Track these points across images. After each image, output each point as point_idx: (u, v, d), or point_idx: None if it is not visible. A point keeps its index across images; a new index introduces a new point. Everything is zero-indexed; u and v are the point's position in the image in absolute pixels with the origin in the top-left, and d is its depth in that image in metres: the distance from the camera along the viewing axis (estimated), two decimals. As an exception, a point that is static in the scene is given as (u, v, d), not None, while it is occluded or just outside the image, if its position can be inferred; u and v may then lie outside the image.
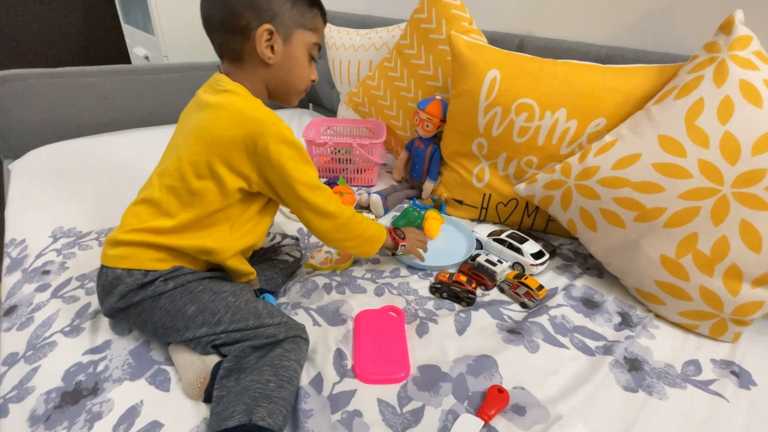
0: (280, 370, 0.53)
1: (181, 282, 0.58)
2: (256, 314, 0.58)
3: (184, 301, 0.57)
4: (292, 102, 0.66)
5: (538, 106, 0.81)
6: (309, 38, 0.61)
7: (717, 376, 0.61)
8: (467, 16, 1.00)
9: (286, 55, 0.60)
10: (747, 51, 0.63)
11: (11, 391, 0.53)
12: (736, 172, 0.61)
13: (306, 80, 0.64)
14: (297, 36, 0.60)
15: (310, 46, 0.62)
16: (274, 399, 0.49)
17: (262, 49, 0.57)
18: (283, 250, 0.80)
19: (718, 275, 0.64)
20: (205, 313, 0.56)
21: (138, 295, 0.56)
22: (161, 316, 0.56)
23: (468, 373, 0.59)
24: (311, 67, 0.65)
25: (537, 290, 0.74)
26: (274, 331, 0.57)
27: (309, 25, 0.61)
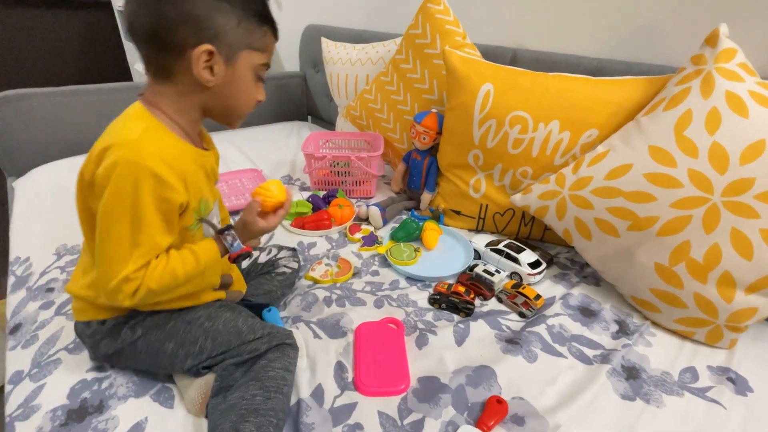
0: (266, 381, 0.52)
1: (149, 325, 0.56)
2: (236, 333, 0.57)
3: (160, 341, 0.55)
4: (233, 124, 0.59)
5: (532, 119, 0.83)
6: (256, 59, 0.54)
7: (713, 383, 0.62)
8: (461, 30, 1.02)
9: (228, 78, 0.52)
10: (732, 63, 0.65)
11: (17, 409, 0.54)
12: (726, 181, 0.62)
13: (251, 103, 0.57)
14: (242, 57, 0.52)
15: (257, 67, 0.54)
16: (261, 412, 0.49)
17: (199, 71, 0.49)
18: (281, 262, 0.80)
19: (712, 282, 0.65)
20: (186, 346, 0.55)
21: (112, 348, 0.56)
22: (145, 359, 0.57)
23: (467, 384, 0.59)
24: (258, 88, 0.57)
25: (535, 300, 0.75)
26: (256, 345, 0.56)
27: (257, 44, 0.53)
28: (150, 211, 0.47)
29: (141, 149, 0.46)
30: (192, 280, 0.53)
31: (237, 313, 0.60)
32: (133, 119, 0.51)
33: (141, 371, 0.60)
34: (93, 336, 0.56)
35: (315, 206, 1.05)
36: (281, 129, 1.64)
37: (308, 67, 1.70)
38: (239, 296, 0.68)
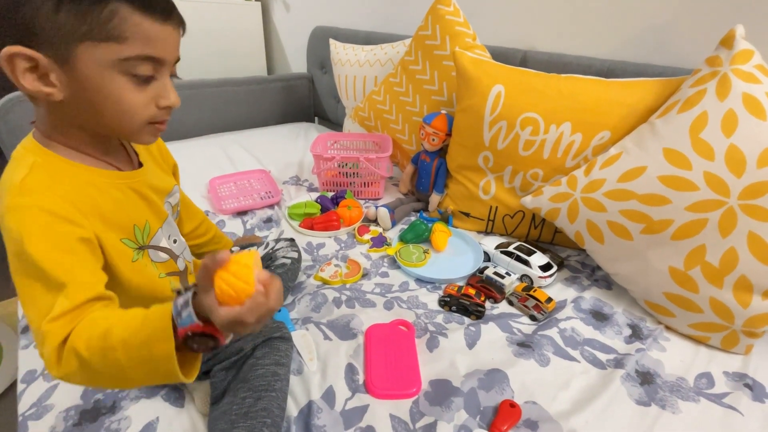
0: (254, 381, 0.51)
1: None
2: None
3: None
4: (138, 140, 0.47)
5: (543, 120, 0.82)
6: (110, 53, 0.39)
7: (730, 389, 0.61)
8: (471, 32, 1.02)
9: (75, 85, 0.40)
10: (749, 65, 0.64)
11: (30, 408, 0.54)
12: (743, 184, 0.62)
13: (138, 112, 0.43)
14: (82, 54, 0.39)
15: (119, 63, 0.40)
16: (251, 415, 0.48)
17: (25, 83, 0.39)
18: (279, 254, 0.78)
19: (728, 287, 0.64)
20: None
21: None
22: None
23: (479, 388, 0.59)
24: (150, 90, 0.43)
25: (546, 303, 0.74)
26: (240, 345, 0.54)
27: (101, 32, 0.38)
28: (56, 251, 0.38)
29: (24, 190, 0.39)
30: (131, 352, 0.35)
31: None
32: (20, 158, 0.43)
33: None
34: None
35: (323, 207, 1.05)
36: (288, 130, 1.65)
37: (315, 68, 1.70)
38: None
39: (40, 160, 0.42)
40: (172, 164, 0.65)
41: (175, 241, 0.58)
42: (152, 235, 0.52)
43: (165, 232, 0.55)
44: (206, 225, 0.76)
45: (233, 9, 1.80)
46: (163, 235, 0.54)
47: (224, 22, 1.78)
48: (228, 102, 1.59)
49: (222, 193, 1.12)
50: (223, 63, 1.82)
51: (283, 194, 1.15)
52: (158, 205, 0.54)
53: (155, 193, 0.54)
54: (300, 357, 0.63)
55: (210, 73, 1.72)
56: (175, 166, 0.67)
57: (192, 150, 1.36)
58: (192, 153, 1.32)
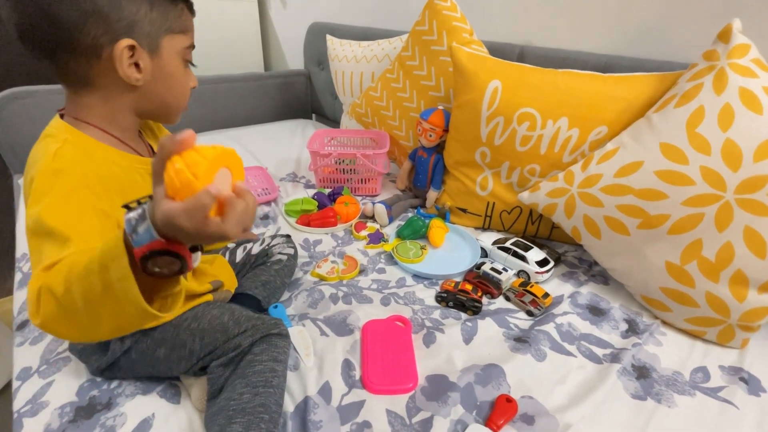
0: (252, 377, 0.51)
1: (136, 334, 0.55)
2: (222, 330, 0.54)
3: (151, 348, 0.55)
4: (174, 120, 0.55)
5: (540, 116, 0.82)
6: (180, 42, 0.50)
7: (726, 382, 0.61)
8: (468, 27, 1.01)
9: (157, 71, 0.48)
10: (746, 59, 0.64)
11: (25, 405, 0.54)
12: (739, 178, 0.62)
13: (186, 93, 0.54)
14: (165, 44, 0.48)
15: (183, 51, 0.51)
16: (248, 410, 0.48)
17: (124, 70, 0.45)
18: (275, 250, 0.78)
19: (724, 281, 0.64)
20: (176, 350, 0.54)
21: (104, 362, 0.55)
22: (142, 368, 0.56)
23: (476, 383, 0.59)
24: (188, 74, 0.54)
25: (543, 298, 0.74)
26: (238, 341, 0.54)
27: (177, 27, 0.49)
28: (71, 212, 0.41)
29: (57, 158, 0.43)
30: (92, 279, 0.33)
31: (224, 309, 0.58)
32: (52, 134, 0.46)
33: (148, 368, 0.59)
34: (83, 351, 0.56)
35: (320, 204, 1.04)
36: (285, 127, 1.64)
37: (313, 64, 1.70)
38: (228, 296, 0.66)
39: (71, 138, 0.47)
40: None
41: None
42: None
43: None
44: None
45: (230, 5, 1.79)
46: None
47: (221, 19, 1.77)
48: (225, 99, 1.58)
49: (219, 190, 1.12)
50: (219, 60, 1.81)
51: (280, 191, 1.14)
52: None
53: None
54: (297, 353, 0.63)
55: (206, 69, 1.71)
56: None
57: (188, 147, 1.35)
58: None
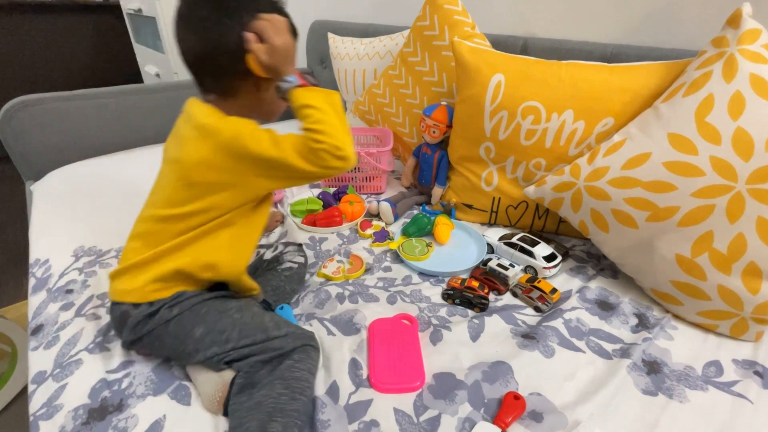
0: (292, 382, 0.53)
1: (186, 306, 0.58)
2: (262, 328, 0.58)
3: (191, 324, 0.57)
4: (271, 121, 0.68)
5: (545, 109, 0.81)
6: None
7: (739, 376, 0.60)
8: (470, 21, 1.00)
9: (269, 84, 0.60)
10: (756, 44, 0.62)
11: (41, 408, 0.55)
12: (750, 168, 0.60)
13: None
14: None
15: None
16: (287, 412, 0.50)
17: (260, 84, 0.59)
18: (286, 257, 0.80)
19: (737, 274, 0.63)
20: (213, 333, 0.57)
21: (147, 326, 0.57)
22: (172, 342, 0.58)
23: (483, 380, 0.59)
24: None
25: (551, 294, 0.73)
26: (281, 343, 0.57)
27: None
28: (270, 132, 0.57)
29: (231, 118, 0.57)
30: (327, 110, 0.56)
31: (263, 310, 0.63)
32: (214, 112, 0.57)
33: (159, 369, 0.61)
34: (137, 317, 0.57)
35: (325, 203, 1.04)
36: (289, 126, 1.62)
37: (315, 63, 1.69)
38: (261, 297, 0.70)
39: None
40: None
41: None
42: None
43: None
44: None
45: (231, 6, 1.79)
46: None
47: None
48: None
49: (225, 192, 1.13)
50: (223, 61, 1.82)
51: (285, 191, 1.15)
52: None
53: None
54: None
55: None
56: None
57: (194, 149, 1.36)
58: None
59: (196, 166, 0.56)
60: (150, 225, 0.60)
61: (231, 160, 0.55)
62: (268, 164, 0.56)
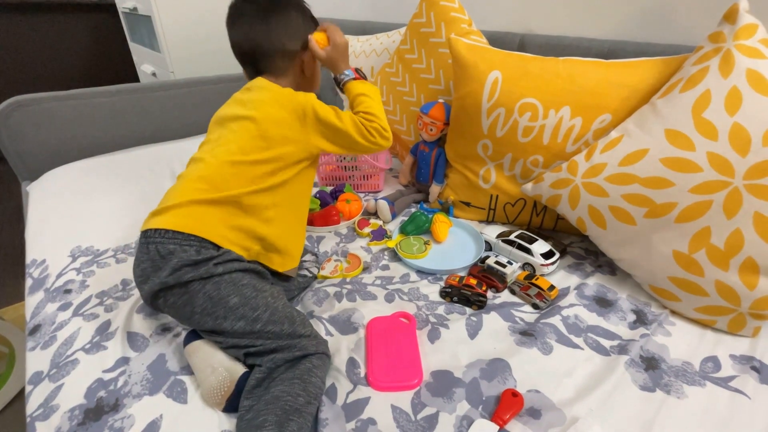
0: (309, 386, 0.53)
1: (229, 269, 0.60)
2: (290, 320, 0.59)
3: (228, 291, 0.58)
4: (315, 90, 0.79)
5: (542, 105, 0.81)
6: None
7: (737, 372, 0.60)
8: (466, 18, 1.00)
9: (310, 62, 0.76)
10: (753, 39, 0.62)
11: (37, 409, 0.55)
12: (748, 163, 0.60)
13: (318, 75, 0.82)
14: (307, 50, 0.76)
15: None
16: (303, 414, 0.51)
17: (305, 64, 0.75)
18: (304, 265, 0.81)
19: (734, 269, 0.63)
20: (246, 308, 0.58)
21: (188, 274, 0.57)
22: (204, 301, 0.58)
23: (481, 378, 0.59)
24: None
25: (548, 290, 0.73)
26: (305, 343, 0.58)
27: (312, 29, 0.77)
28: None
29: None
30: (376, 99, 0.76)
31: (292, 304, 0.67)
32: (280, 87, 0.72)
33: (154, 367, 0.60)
34: (183, 259, 0.57)
35: (323, 202, 1.04)
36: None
37: (313, 61, 1.69)
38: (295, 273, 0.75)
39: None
40: None
41: None
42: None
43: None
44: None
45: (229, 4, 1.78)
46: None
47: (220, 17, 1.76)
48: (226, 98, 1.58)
49: (222, 191, 1.12)
50: (220, 60, 1.81)
51: (283, 190, 1.14)
52: None
53: None
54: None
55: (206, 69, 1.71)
56: None
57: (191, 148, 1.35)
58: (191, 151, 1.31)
59: (275, 123, 0.67)
60: (221, 169, 0.64)
61: (300, 121, 0.69)
62: (331, 129, 0.70)
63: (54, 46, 2.48)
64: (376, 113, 0.72)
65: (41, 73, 2.50)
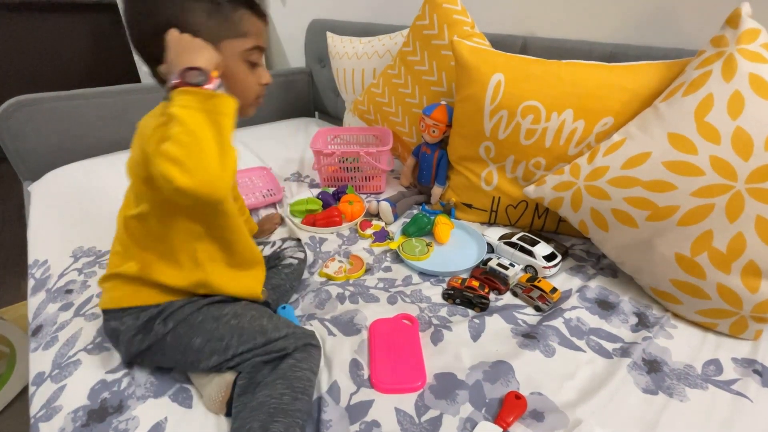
0: (294, 381, 0.52)
1: (180, 317, 0.57)
2: (261, 331, 0.57)
3: (188, 336, 0.56)
4: (248, 113, 0.61)
5: (544, 108, 0.81)
6: (239, 46, 0.55)
7: (739, 375, 0.60)
8: (469, 20, 1.00)
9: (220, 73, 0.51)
10: (755, 44, 0.62)
11: (40, 410, 0.55)
12: (750, 167, 0.60)
13: (252, 90, 0.59)
14: (225, 48, 0.53)
15: (243, 53, 0.56)
16: (289, 412, 0.50)
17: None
18: (286, 253, 0.79)
19: (736, 272, 0.63)
20: (212, 342, 0.56)
21: (144, 342, 0.56)
22: (172, 355, 0.57)
23: (484, 380, 0.59)
24: (256, 73, 0.59)
25: (551, 293, 0.73)
26: (283, 344, 0.56)
27: (235, 32, 0.54)
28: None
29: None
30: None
31: (262, 311, 0.61)
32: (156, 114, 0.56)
33: (159, 372, 0.60)
34: (127, 333, 0.57)
35: (325, 203, 1.04)
36: (288, 126, 1.64)
37: (314, 62, 1.69)
38: (266, 295, 0.69)
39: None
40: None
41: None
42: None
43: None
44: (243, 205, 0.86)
45: (229, 5, 1.79)
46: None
47: (221, 19, 1.77)
48: (227, 100, 1.58)
49: (224, 192, 1.12)
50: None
51: (285, 191, 1.15)
52: None
53: None
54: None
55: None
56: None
57: (193, 149, 1.35)
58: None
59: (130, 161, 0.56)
60: (121, 227, 0.59)
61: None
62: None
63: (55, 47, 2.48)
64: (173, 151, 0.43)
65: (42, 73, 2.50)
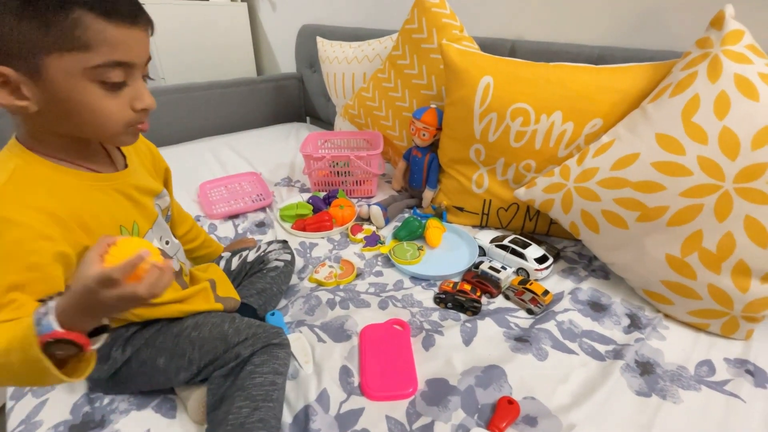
0: (252, 390, 0.49)
1: (137, 343, 0.54)
2: (222, 338, 0.53)
3: (152, 358, 0.53)
4: (118, 142, 0.50)
5: (533, 110, 0.81)
6: (81, 62, 0.40)
7: (731, 375, 0.60)
8: (458, 24, 1.00)
9: (49, 97, 0.40)
10: (740, 45, 0.63)
11: (19, 425, 0.53)
12: (737, 167, 0.60)
13: (114, 119, 0.44)
14: (51, 65, 0.39)
15: (90, 72, 0.40)
16: (247, 426, 0.47)
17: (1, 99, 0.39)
18: (271, 256, 0.76)
19: (726, 272, 0.63)
20: (175, 359, 0.53)
21: (105, 372, 0.54)
22: (141, 378, 0.55)
23: (477, 385, 0.58)
24: (123, 96, 0.44)
25: (543, 295, 0.73)
26: (239, 350, 0.52)
27: (68, 43, 0.39)
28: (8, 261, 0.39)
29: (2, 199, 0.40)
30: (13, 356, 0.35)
31: (225, 317, 0.57)
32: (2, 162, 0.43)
33: (143, 383, 0.59)
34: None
35: (316, 208, 1.03)
36: (279, 131, 1.63)
37: (305, 67, 1.69)
38: (236, 305, 0.65)
39: (21, 162, 0.43)
40: (163, 168, 0.66)
41: (168, 242, 0.60)
42: (142, 235, 0.53)
43: (156, 233, 0.56)
44: (196, 230, 0.77)
45: (219, 10, 1.78)
46: (154, 236, 0.56)
47: (211, 24, 1.76)
48: (217, 104, 1.57)
49: (213, 197, 1.11)
50: (211, 65, 1.80)
51: (275, 196, 1.13)
52: (146, 206, 0.56)
53: (142, 194, 0.55)
54: (296, 361, 0.62)
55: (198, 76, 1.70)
56: (167, 171, 0.68)
57: (182, 154, 1.34)
58: (182, 157, 1.31)
59: None
60: None
61: None
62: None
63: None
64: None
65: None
